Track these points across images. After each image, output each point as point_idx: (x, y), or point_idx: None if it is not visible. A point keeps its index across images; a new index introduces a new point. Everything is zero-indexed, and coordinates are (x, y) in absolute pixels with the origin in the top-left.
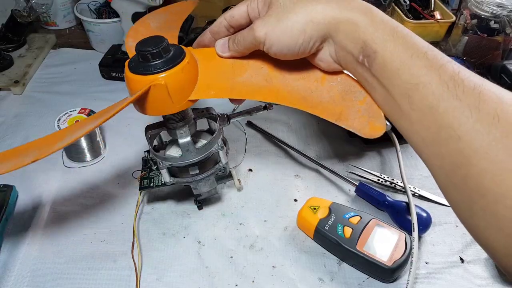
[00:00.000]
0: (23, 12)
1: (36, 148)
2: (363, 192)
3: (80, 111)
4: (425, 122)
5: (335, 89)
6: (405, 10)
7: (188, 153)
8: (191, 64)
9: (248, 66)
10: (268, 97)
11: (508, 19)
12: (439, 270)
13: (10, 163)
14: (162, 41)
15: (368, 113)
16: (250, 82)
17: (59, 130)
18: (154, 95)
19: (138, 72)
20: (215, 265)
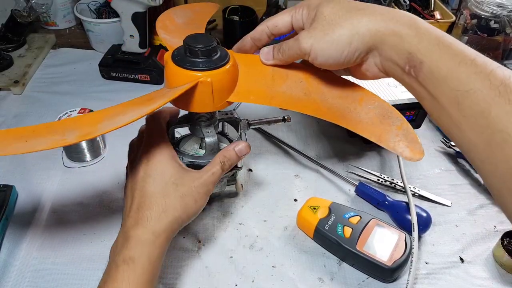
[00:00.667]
0: (23, 12)
1: (76, 126)
2: (363, 192)
3: (80, 111)
4: (477, 128)
5: (372, 112)
6: (405, 10)
7: (212, 152)
8: (235, 67)
9: (287, 77)
10: (308, 110)
11: (508, 19)
12: (439, 270)
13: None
14: (212, 40)
15: (406, 139)
16: (289, 93)
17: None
18: (199, 92)
19: (184, 66)
20: (215, 265)
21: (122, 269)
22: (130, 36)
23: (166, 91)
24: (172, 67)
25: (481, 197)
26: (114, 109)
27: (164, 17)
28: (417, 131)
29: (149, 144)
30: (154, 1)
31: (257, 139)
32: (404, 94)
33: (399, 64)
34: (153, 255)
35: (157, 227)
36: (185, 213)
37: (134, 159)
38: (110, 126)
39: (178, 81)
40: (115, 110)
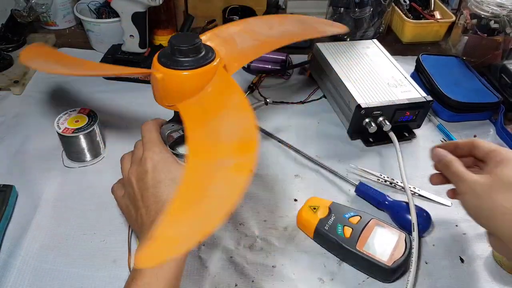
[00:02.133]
0: (23, 12)
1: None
2: (363, 192)
3: (80, 111)
4: None
5: (295, 23)
6: (405, 10)
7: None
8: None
9: (233, 37)
10: (269, 48)
11: (508, 19)
12: (439, 270)
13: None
14: (196, 37)
15: (325, 24)
16: (247, 46)
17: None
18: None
19: (200, 65)
20: (215, 265)
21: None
22: (130, 36)
23: (216, 90)
24: (183, 73)
25: None
26: (201, 132)
27: (56, 72)
28: (417, 131)
29: (151, 152)
30: (154, 1)
31: None
32: (404, 94)
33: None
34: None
35: None
36: None
37: (136, 171)
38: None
39: (202, 82)
40: (206, 131)
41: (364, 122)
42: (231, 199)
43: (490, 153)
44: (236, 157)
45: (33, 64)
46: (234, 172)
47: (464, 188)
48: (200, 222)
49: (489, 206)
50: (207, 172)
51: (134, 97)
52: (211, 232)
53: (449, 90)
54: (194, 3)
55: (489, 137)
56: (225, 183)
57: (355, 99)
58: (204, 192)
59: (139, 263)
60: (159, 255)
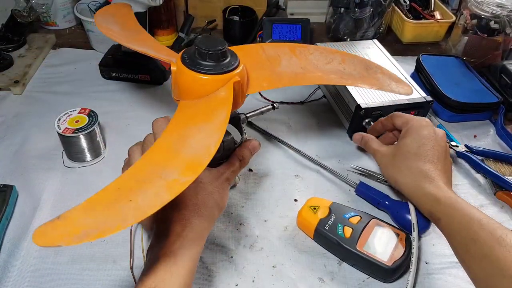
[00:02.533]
0: (23, 12)
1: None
2: (363, 192)
3: (80, 111)
4: (481, 266)
5: (358, 67)
6: (405, 10)
7: (229, 150)
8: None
9: (279, 57)
10: (314, 80)
11: (508, 19)
12: (439, 270)
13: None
14: (222, 42)
15: (393, 80)
16: (290, 71)
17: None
18: (235, 92)
19: (211, 72)
20: (215, 265)
21: (164, 261)
22: None
23: (214, 102)
24: (196, 76)
25: (481, 197)
26: (175, 134)
27: (104, 31)
28: None
29: None
30: (154, 1)
31: (257, 139)
32: None
33: (425, 213)
34: (193, 252)
35: (194, 224)
36: (216, 209)
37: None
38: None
39: (207, 89)
40: (179, 135)
41: (364, 122)
42: (148, 210)
43: (402, 124)
44: (178, 173)
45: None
46: (166, 187)
47: (377, 160)
48: (111, 220)
49: (393, 173)
50: (148, 175)
51: (134, 97)
52: (114, 232)
53: (449, 90)
54: (194, 3)
55: (489, 137)
56: (153, 193)
57: (355, 99)
58: (131, 194)
59: (36, 238)
60: (59, 236)
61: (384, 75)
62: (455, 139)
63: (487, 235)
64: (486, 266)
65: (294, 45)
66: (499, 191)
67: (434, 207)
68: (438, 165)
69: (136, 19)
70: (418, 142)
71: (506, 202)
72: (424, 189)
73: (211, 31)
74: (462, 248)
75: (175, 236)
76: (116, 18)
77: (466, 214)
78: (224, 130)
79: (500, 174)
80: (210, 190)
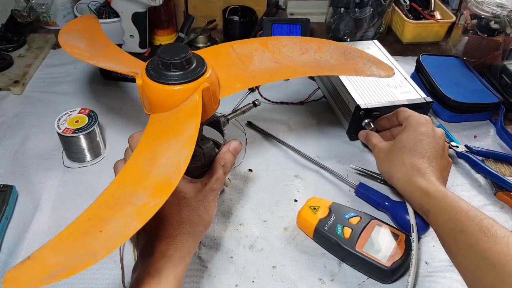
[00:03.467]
0: (23, 12)
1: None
2: (363, 193)
3: (80, 111)
4: (468, 256)
5: (335, 54)
6: (405, 10)
7: (211, 158)
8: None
9: (251, 54)
10: (288, 75)
11: (508, 19)
12: (439, 270)
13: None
14: (186, 48)
15: (373, 63)
16: (263, 68)
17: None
18: (204, 100)
19: (176, 82)
20: (215, 265)
21: (148, 281)
22: (130, 36)
23: (183, 114)
24: (163, 88)
25: (481, 197)
26: (145, 153)
27: (69, 49)
28: None
29: None
30: (154, 1)
31: (257, 139)
32: (404, 95)
33: (416, 207)
34: (177, 270)
35: (179, 242)
36: (202, 224)
37: None
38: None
39: (177, 100)
40: (150, 153)
41: (363, 123)
42: (118, 241)
43: (403, 119)
44: (148, 196)
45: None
46: (135, 213)
47: (375, 155)
48: (81, 256)
49: (387, 167)
50: (118, 201)
51: (134, 97)
52: (84, 269)
53: (449, 90)
54: (194, 3)
55: (489, 137)
56: (123, 222)
57: (355, 99)
58: (101, 224)
59: (6, 283)
60: (28, 279)
61: (363, 58)
62: (455, 139)
63: (473, 226)
64: (472, 257)
65: (265, 39)
66: (499, 192)
67: (424, 200)
68: (433, 162)
69: (136, 19)
70: (415, 138)
71: (506, 203)
72: (415, 183)
73: (211, 31)
74: (450, 239)
75: (160, 255)
76: (82, 33)
77: (455, 206)
78: (193, 143)
79: (500, 175)
80: (194, 205)
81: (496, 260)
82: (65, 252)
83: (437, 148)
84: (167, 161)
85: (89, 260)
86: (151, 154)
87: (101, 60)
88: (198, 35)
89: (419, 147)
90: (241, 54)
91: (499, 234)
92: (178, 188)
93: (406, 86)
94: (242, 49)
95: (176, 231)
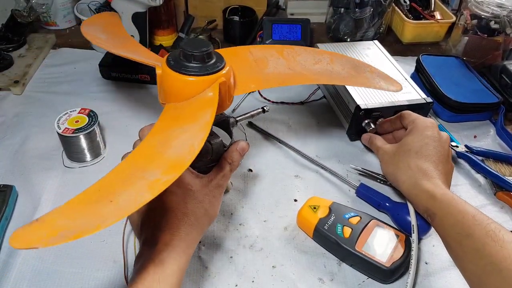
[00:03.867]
0: (23, 12)
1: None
2: (363, 193)
3: (80, 111)
4: (474, 260)
5: (346, 66)
6: (405, 10)
7: (218, 154)
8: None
9: (266, 59)
10: (301, 81)
11: (508, 20)
12: (439, 270)
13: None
14: (207, 42)
15: (382, 78)
16: (277, 72)
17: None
18: (221, 93)
19: (197, 73)
20: (215, 265)
21: (152, 270)
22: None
23: (200, 103)
24: (182, 78)
25: (481, 197)
26: (159, 136)
27: (90, 38)
28: None
29: None
30: (154, 1)
31: (257, 139)
32: (405, 96)
33: (421, 210)
34: (181, 261)
35: (183, 234)
36: (206, 218)
37: None
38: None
39: (194, 90)
40: (163, 137)
41: (363, 123)
42: (128, 209)
43: (409, 123)
44: (161, 173)
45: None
46: (147, 187)
47: (379, 157)
48: (90, 221)
49: (393, 169)
50: (130, 176)
51: (134, 97)
52: (93, 232)
53: (449, 90)
54: (194, 3)
55: (489, 137)
56: (134, 193)
57: (355, 100)
58: (111, 195)
59: (13, 240)
60: (35, 238)
61: (372, 73)
62: (455, 139)
63: (480, 230)
64: (479, 261)
65: (281, 47)
66: (499, 192)
67: (430, 203)
68: (439, 165)
69: (136, 19)
70: (421, 142)
71: (506, 203)
72: (421, 186)
73: (211, 31)
74: (456, 243)
75: (164, 245)
76: (104, 27)
77: (461, 210)
78: (209, 129)
79: (500, 175)
80: (200, 198)
81: (502, 265)
82: (74, 217)
83: (442, 152)
84: (181, 143)
85: (99, 225)
86: (164, 137)
87: (125, 50)
88: (198, 35)
89: (425, 150)
90: (257, 57)
91: (506, 239)
92: (185, 180)
93: (407, 86)
94: (258, 53)
95: (181, 222)
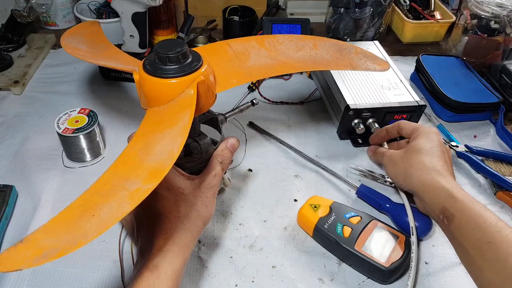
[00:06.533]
0: (23, 12)
1: (128, 172)
2: (364, 194)
3: (80, 111)
4: (495, 270)
5: (330, 50)
6: (405, 10)
7: (208, 154)
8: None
9: (248, 51)
10: (284, 70)
11: (508, 19)
12: (439, 270)
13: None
14: (182, 43)
15: (368, 58)
16: (260, 64)
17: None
18: (200, 93)
19: (171, 75)
20: (215, 265)
21: (147, 275)
22: (130, 36)
23: (178, 105)
24: (159, 82)
25: (481, 197)
26: (140, 143)
27: (70, 51)
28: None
29: None
30: (154, 1)
31: (257, 139)
32: (397, 98)
33: (435, 212)
34: (176, 265)
35: (177, 238)
36: (200, 220)
37: None
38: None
39: (173, 93)
40: (144, 143)
41: (353, 123)
42: (109, 222)
43: (412, 131)
44: (142, 181)
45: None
46: (127, 198)
47: (385, 161)
48: (73, 237)
49: (404, 168)
50: (112, 188)
51: (134, 97)
52: (76, 249)
53: (449, 90)
54: (194, 3)
55: (489, 137)
56: (116, 205)
57: (345, 99)
58: (94, 209)
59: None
60: (20, 260)
61: (358, 54)
62: (455, 139)
63: (502, 238)
64: (500, 272)
65: (262, 37)
66: (499, 191)
67: (449, 202)
68: (449, 167)
69: (136, 19)
70: (431, 143)
71: (506, 202)
72: (438, 182)
73: (211, 31)
74: (475, 250)
75: (158, 250)
76: (84, 36)
77: (483, 214)
78: (187, 132)
79: (500, 174)
80: (192, 201)
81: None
82: (57, 234)
83: (449, 156)
84: (161, 149)
85: (81, 242)
86: (145, 144)
87: (101, 59)
88: (198, 35)
89: (436, 151)
90: (237, 51)
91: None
92: (176, 184)
93: (401, 88)
94: (238, 46)
95: (174, 226)
